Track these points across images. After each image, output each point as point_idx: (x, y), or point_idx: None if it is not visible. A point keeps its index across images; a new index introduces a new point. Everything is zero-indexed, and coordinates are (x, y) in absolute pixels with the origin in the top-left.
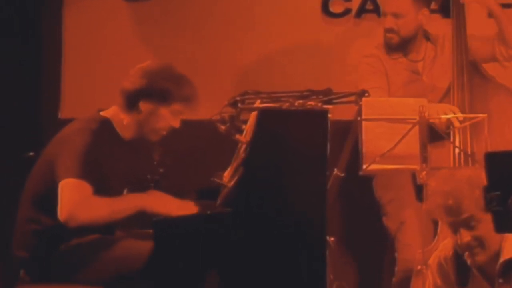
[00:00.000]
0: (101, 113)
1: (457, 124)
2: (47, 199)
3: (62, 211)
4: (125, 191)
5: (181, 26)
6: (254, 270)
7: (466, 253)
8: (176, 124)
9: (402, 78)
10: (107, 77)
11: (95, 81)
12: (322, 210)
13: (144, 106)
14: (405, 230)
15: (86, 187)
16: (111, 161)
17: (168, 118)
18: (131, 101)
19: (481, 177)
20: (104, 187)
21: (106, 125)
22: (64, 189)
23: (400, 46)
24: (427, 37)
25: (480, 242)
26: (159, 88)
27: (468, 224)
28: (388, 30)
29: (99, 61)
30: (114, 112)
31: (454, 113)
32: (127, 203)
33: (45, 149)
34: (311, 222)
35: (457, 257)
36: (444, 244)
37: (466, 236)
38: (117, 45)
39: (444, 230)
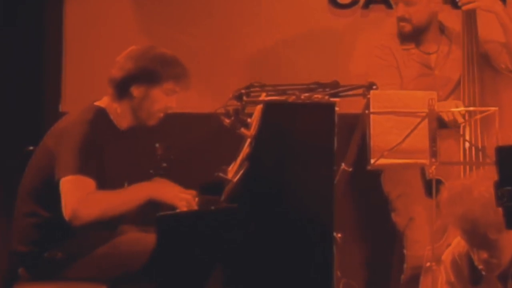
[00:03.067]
0: (96, 103)
1: (460, 120)
2: (46, 192)
3: (66, 211)
4: (125, 186)
5: (185, 19)
6: (259, 266)
7: (482, 266)
8: (172, 104)
9: (413, 71)
10: (108, 70)
11: (96, 74)
12: (329, 205)
13: (136, 91)
14: (414, 226)
15: (87, 183)
16: (108, 151)
17: (162, 99)
18: (122, 88)
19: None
20: (104, 179)
21: (101, 114)
22: (66, 187)
23: (412, 35)
24: (442, 30)
25: (497, 259)
26: (148, 70)
27: (484, 243)
28: (400, 19)
29: (100, 54)
30: (107, 102)
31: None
32: (133, 194)
33: (42, 142)
34: (318, 218)
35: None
36: (458, 240)
37: (483, 254)
38: (118, 38)
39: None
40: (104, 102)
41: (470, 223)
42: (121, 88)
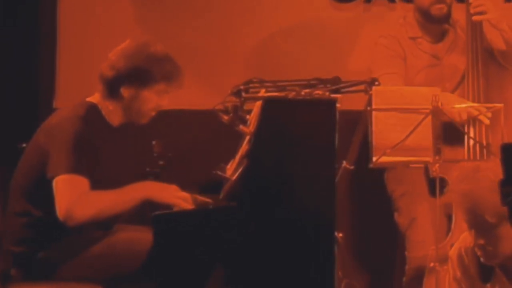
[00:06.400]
0: (88, 99)
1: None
2: (38, 191)
3: (60, 211)
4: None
5: (183, 13)
6: (260, 266)
7: (479, 252)
8: (164, 102)
9: (421, 61)
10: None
11: (90, 71)
12: (330, 204)
13: (125, 91)
14: (415, 226)
15: (81, 182)
16: (101, 148)
17: (153, 99)
18: (112, 88)
19: None
20: (98, 176)
21: (93, 110)
22: (59, 186)
23: (445, 17)
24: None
25: (493, 247)
26: (138, 71)
27: (482, 226)
28: (440, 1)
29: (94, 50)
30: (99, 98)
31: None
32: (128, 194)
33: (33, 139)
34: (319, 217)
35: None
36: (465, 236)
37: (479, 239)
38: (113, 34)
39: (459, 226)
40: (96, 98)
41: (471, 202)
42: (111, 88)
